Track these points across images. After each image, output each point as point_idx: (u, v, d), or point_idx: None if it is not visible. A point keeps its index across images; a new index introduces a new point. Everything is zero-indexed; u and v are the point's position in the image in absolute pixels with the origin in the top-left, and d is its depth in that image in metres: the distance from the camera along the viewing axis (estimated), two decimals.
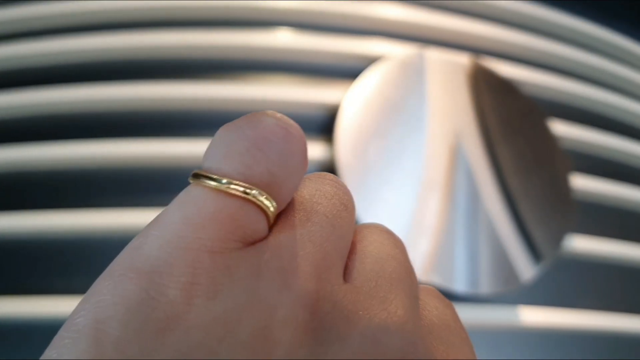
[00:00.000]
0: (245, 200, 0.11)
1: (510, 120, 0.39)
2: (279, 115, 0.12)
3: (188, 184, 0.12)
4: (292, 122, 0.12)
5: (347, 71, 0.39)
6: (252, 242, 0.11)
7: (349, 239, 0.13)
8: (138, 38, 0.38)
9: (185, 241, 0.10)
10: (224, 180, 0.11)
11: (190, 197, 0.11)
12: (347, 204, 0.13)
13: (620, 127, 0.45)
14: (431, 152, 0.35)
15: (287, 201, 0.12)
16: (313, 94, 0.37)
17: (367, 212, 0.33)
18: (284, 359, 0.09)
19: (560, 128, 0.41)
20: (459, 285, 0.32)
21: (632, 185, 0.41)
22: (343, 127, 0.35)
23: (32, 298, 0.29)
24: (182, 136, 0.35)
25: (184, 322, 0.09)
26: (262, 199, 0.11)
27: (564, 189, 0.37)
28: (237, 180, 0.11)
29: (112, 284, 0.10)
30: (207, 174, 0.11)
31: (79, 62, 0.38)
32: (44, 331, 0.29)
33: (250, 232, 0.11)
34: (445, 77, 0.39)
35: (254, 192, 0.11)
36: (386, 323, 0.11)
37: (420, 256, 0.32)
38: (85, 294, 0.10)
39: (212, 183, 0.11)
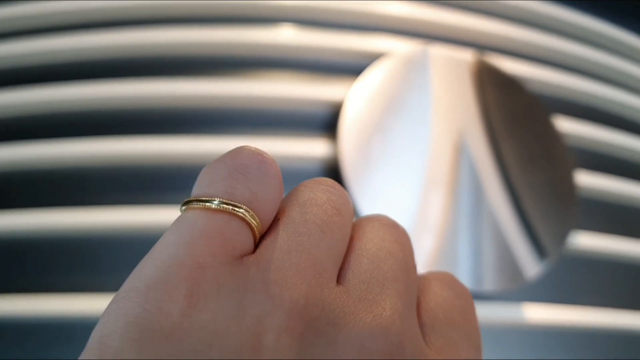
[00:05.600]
0: (231, 214, 0.12)
1: (514, 116, 0.38)
2: (254, 147, 0.14)
3: (190, 180, 0.13)
4: (266, 152, 0.14)
5: (351, 68, 0.39)
6: (241, 256, 0.12)
7: (344, 242, 0.14)
8: (140, 35, 0.38)
9: (179, 259, 0.11)
10: (210, 199, 0.12)
11: (182, 221, 0.12)
12: (340, 209, 0.14)
13: (625, 123, 0.44)
14: (435, 148, 0.35)
15: (271, 218, 0.13)
16: (316, 90, 0.37)
17: (371, 209, 0.33)
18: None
19: (564, 124, 0.41)
20: (463, 282, 0.32)
21: (637, 182, 0.41)
22: (347, 124, 0.35)
23: (33, 296, 0.29)
24: (184, 133, 0.35)
25: (177, 331, 0.10)
26: (246, 213, 0.12)
27: (569, 186, 0.37)
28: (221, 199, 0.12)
29: (116, 305, 0.11)
30: (196, 199, 0.13)
31: (81, 60, 0.38)
32: (45, 329, 0.29)
33: (239, 245, 0.12)
34: (449, 73, 0.39)
35: (236, 205, 0.12)
36: (371, 326, 0.12)
37: (424, 253, 0.32)
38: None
39: (200, 204, 0.12)
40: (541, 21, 0.47)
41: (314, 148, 0.35)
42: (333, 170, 0.35)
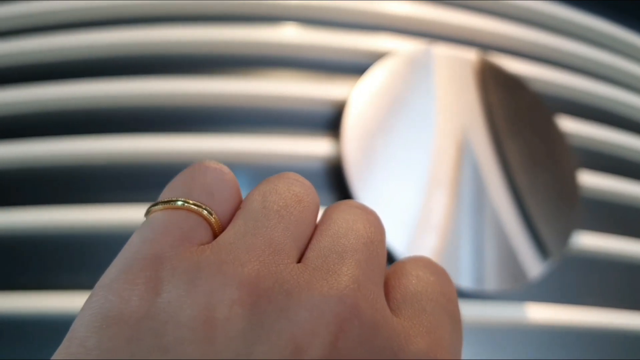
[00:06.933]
0: (188, 211, 0.13)
1: (517, 116, 0.38)
2: (211, 161, 0.15)
3: None
4: (224, 165, 0.15)
5: (354, 67, 0.39)
6: (199, 245, 0.13)
7: (306, 225, 0.14)
8: (143, 33, 0.38)
9: (141, 254, 0.12)
10: (168, 200, 0.13)
11: (145, 223, 0.13)
12: (302, 197, 0.14)
13: (629, 123, 0.44)
14: (438, 148, 0.35)
15: (232, 216, 0.14)
16: (320, 89, 0.37)
17: (373, 208, 0.32)
18: (223, 331, 0.11)
19: (568, 124, 0.41)
20: (465, 282, 0.32)
21: None
22: (350, 123, 0.35)
23: (34, 294, 0.29)
24: (187, 132, 0.35)
25: (135, 315, 0.11)
26: (203, 208, 0.13)
27: (572, 186, 0.37)
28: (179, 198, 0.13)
29: (85, 303, 0.12)
30: (157, 202, 0.14)
31: (83, 57, 0.38)
32: (46, 327, 0.29)
33: (197, 238, 0.13)
34: (452, 73, 0.39)
35: (193, 203, 0.13)
36: (323, 291, 0.12)
37: (426, 252, 0.32)
38: None
39: (160, 206, 0.13)
40: (544, 21, 0.47)
41: (317, 147, 0.35)
42: (336, 169, 0.35)
